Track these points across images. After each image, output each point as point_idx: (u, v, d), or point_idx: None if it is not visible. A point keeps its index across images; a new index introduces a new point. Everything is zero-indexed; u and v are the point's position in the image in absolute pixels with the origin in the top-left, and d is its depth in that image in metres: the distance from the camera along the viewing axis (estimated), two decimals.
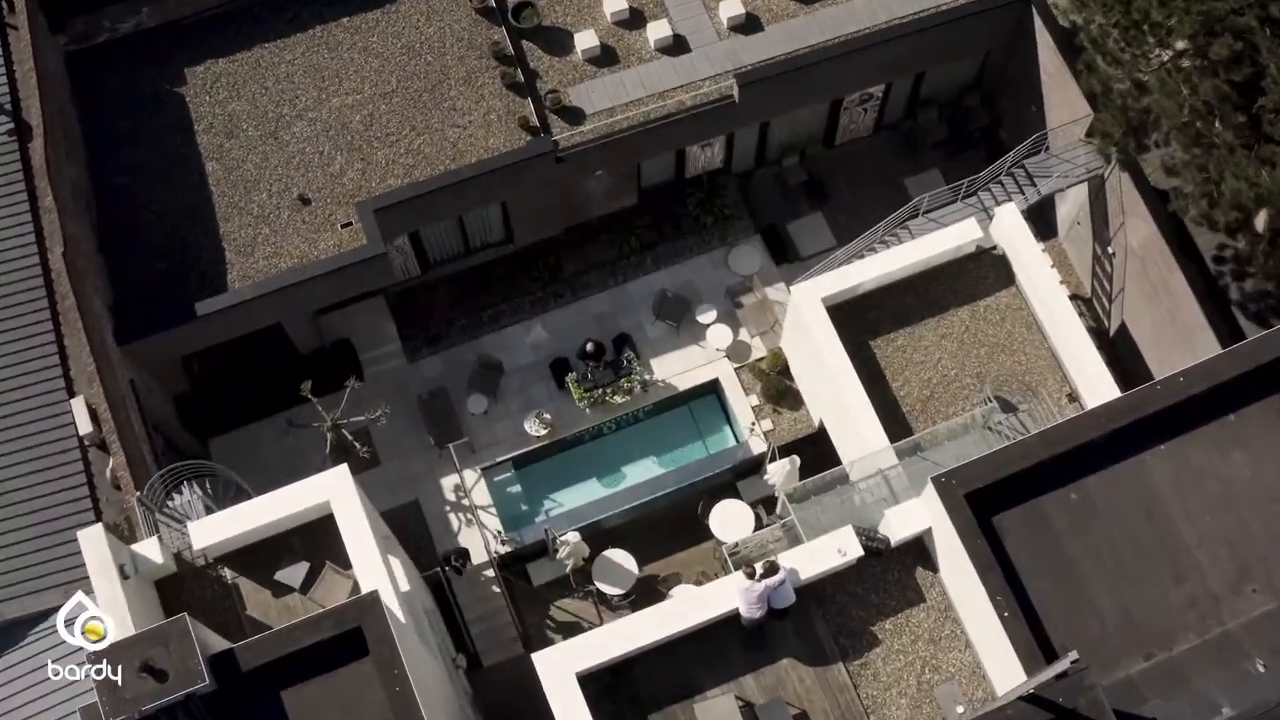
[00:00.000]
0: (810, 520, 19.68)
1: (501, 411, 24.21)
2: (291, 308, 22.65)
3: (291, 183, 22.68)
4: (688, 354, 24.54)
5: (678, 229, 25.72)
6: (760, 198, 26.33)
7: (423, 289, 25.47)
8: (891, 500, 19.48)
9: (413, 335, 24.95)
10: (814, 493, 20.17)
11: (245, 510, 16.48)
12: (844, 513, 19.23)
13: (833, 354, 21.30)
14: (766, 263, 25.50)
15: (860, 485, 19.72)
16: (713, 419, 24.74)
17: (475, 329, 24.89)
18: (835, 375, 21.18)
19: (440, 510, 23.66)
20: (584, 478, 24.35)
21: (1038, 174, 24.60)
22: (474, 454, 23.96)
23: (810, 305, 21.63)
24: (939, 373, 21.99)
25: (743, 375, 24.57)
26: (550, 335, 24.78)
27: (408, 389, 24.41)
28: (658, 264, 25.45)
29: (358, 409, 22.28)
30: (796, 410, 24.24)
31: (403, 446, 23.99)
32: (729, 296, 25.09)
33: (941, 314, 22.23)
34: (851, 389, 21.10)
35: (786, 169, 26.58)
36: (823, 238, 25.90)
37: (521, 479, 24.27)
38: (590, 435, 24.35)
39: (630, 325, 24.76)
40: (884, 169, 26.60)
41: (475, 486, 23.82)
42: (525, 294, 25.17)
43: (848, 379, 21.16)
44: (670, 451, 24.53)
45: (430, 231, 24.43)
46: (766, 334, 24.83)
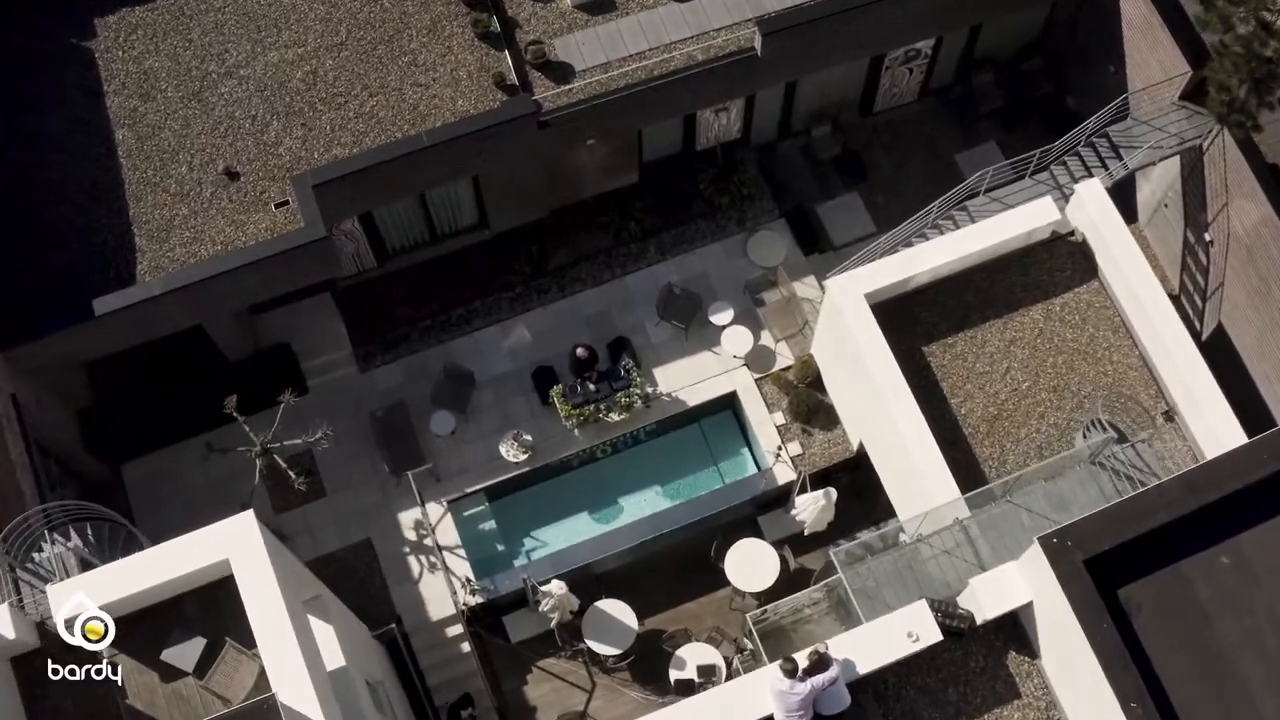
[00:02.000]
0: (862, 584, 16.60)
1: (472, 432, 21.65)
2: (214, 306, 19.99)
3: (217, 153, 20.08)
4: (698, 362, 22.08)
5: (687, 211, 23.28)
6: (785, 175, 23.93)
7: (379, 284, 22.93)
8: (973, 561, 16.33)
9: (366, 339, 22.44)
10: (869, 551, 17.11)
11: (120, 570, 13.43)
12: (908, 577, 16.12)
13: (878, 362, 18.80)
14: (793, 252, 23.02)
15: (931, 539, 16.61)
16: (729, 441, 22.36)
17: (442, 331, 22.41)
18: (881, 389, 18.69)
19: (397, 552, 21.03)
20: (572, 512, 21.96)
21: (1123, 145, 21.63)
22: (438, 483, 21.39)
23: (850, 302, 19.03)
24: (1008, 386, 19.54)
25: (765, 388, 22.03)
26: (533, 339, 22.32)
27: (359, 404, 21.90)
28: (662, 253, 23.02)
29: (296, 429, 19.67)
30: (830, 430, 21.61)
31: (353, 474, 21.46)
32: (748, 293, 22.58)
33: (1009, 314, 19.87)
34: (901, 406, 18.59)
35: (816, 141, 24.17)
36: (860, 223, 23.48)
37: (496, 514, 21.76)
38: (580, 461, 21.91)
39: (629, 327, 22.31)
40: (931, 142, 24.37)
41: (440, 523, 21.24)
42: (502, 289, 22.71)
43: (897, 393, 18.64)
44: (677, 480, 22.18)
45: (387, 214, 21.86)
46: (794, 338, 22.25)
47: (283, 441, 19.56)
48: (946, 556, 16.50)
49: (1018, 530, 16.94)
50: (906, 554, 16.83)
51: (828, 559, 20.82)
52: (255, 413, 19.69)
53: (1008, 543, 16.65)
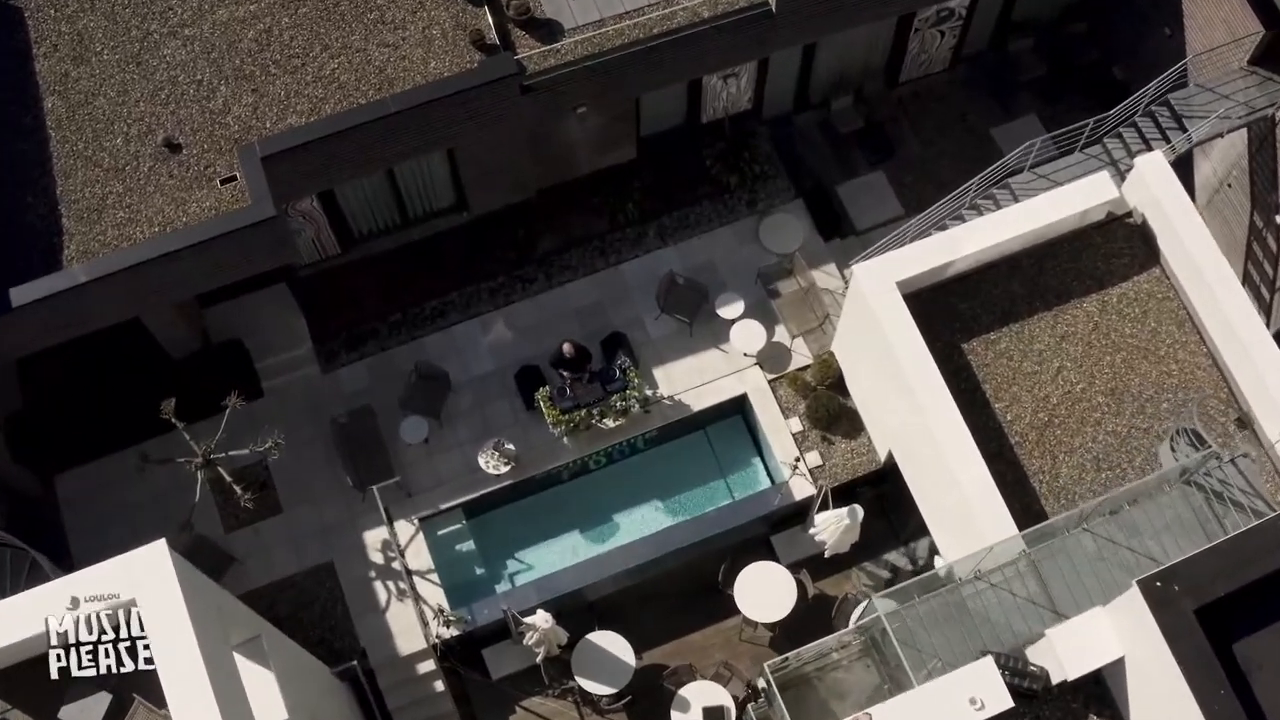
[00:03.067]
0: (908, 633, 14.66)
1: (448, 440, 19.96)
2: (151, 296, 18.16)
3: (157, 122, 18.38)
4: (704, 361, 20.39)
5: (691, 192, 21.62)
6: (802, 151, 22.31)
7: (343, 273, 21.20)
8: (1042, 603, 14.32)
9: (328, 335, 20.74)
10: (894, 571, 15.18)
11: (7, 610, 11.40)
12: (960, 621, 14.13)
13: (912, 361, 17.09)
14: (811, 237, 21.33)
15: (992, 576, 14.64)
16: (739, 450, 20.73)
17: (414, 327, 20.74)
18: (915, 392, 16.98)
19: (362, 576, 19.30)
20: (561, 532, 20.31)
21: (1185, 115, 19.71)
22: (409, 499, 19.66)
23: (880, 292, 17.43)
24: (1060, 388, 17.81)
25: (780, 390, 20.31)
26: (516, 335, 20.59)
27: (320, 408, 20.17)
28: (664, 238, 21.34)
29: (248, 437, 17.95)
30: (854, 439, 19.93)
31: (313, 488, 19.74)
32: (761, 282, 20.87)
33: (1060, 306, 18.22)
34: (940, 412, 16.88)
35: (837, 113, 22.55)
36: (885, 204, 21.86)
37: (474, 533, 20.04)
38: (570, 473, 20.25)
39: (626, 321, 20.62)
40: (964, 115, 22.83)
41: (410, 544, 19.48)
42: (483, 279, 21.01)
43: (934, 397, 16.93)
44: (680, 495, 20.55)
45: (350, 193, 20.12)
46: (812, 334, 20.53)
47: (228, 451, 17.72)
48: (1007, 594, 14.44)
49: (1082, 560, 14.95)
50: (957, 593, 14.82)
51: (848, 592, 19.40)
52: (203, 418, 18.03)
53: (1081, 579, 14.66)
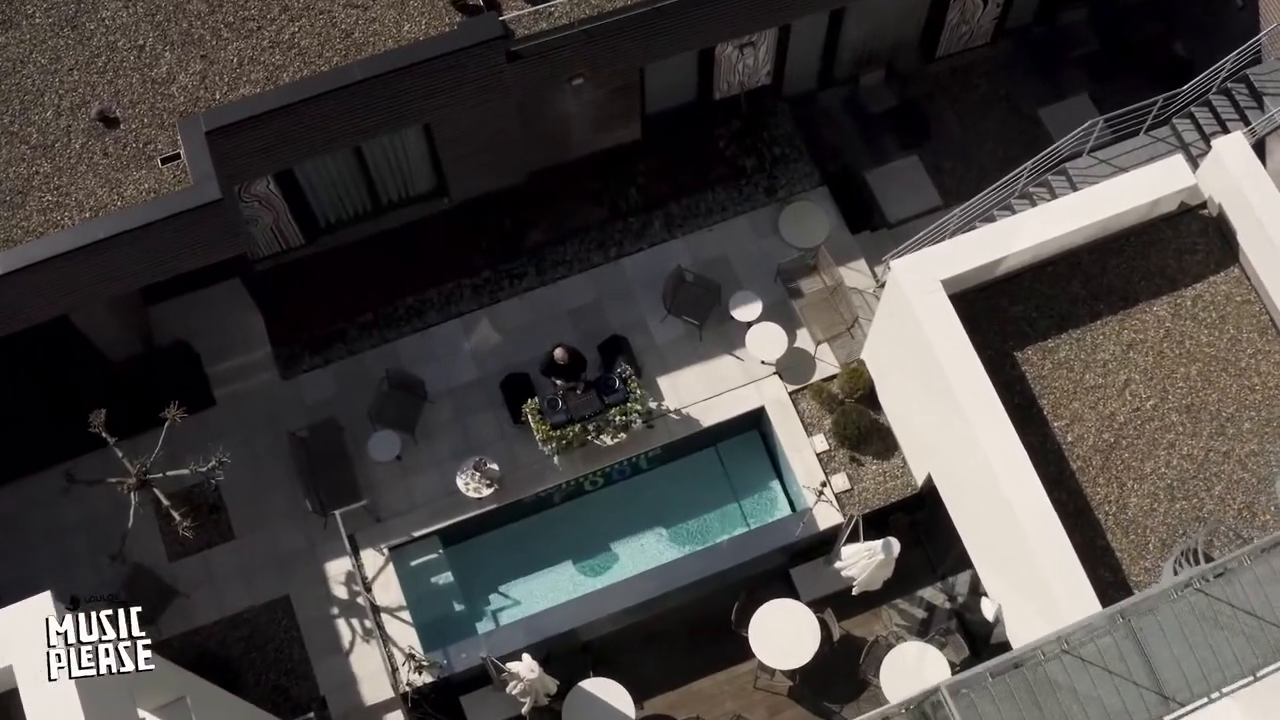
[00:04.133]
0: None
1: (423, 457, 18.42)
2: (82, 290, 16.54)
3: (92, 93, 16.87)
4: (716, 369, 18.91)
5: (702, 176, 20.18)
6: (828, 132, 20.88)
7: (307, 266, 19.67)
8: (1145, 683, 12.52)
9: (289, 337, 19.18)
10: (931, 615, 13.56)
11: None
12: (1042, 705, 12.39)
13: (959, 372, 15.52)
14: (838, 229, 19.83)
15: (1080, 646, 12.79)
16: (755, 471, 19.26)
17: (386, 328, 19.25)
18: (963, 406, 15.40)
19: (323, 614, 17.71)
20: (551, 563, 18.82)
21: (1268, 92, 17.95)
22: (378, 524, 18.05)
23: (922, 292, 16.02)
24: (1127, 404, 16.19)
25: (803, 403, 18.75)
26: (502, 338, 19.09)
27: (279, 420, 18.59)
28: (671, 229, 19.86)
29: (194, 453, 16.54)
30: (887, 460, 18.34)
31: (270, 511, 18.18)
32: (781, 280, 19.34)
33: (1127, 310, 16.67)
34: (991, 429, 15.28)
35: (866, 90, 21.13)
36: (921, 193, 20.36)
37: (453, 564, 18.43)
38: (562, 496, 18.71)
39: (627, 323, 19.15)
40: (1009, 94, 21.42)
41: (379, 576, 17.86)
42: (465, 274, 19.52)
43: (985, 413, 15.34)
44: (687, 522, 19.08)
45: (315, 175, 18.51)
46: (839, 339, 18.94)
47: (166, 471, 16.16)
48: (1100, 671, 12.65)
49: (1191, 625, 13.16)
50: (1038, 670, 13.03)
51: (878, 635, 17.99)
52: (146, 431, 16.57)
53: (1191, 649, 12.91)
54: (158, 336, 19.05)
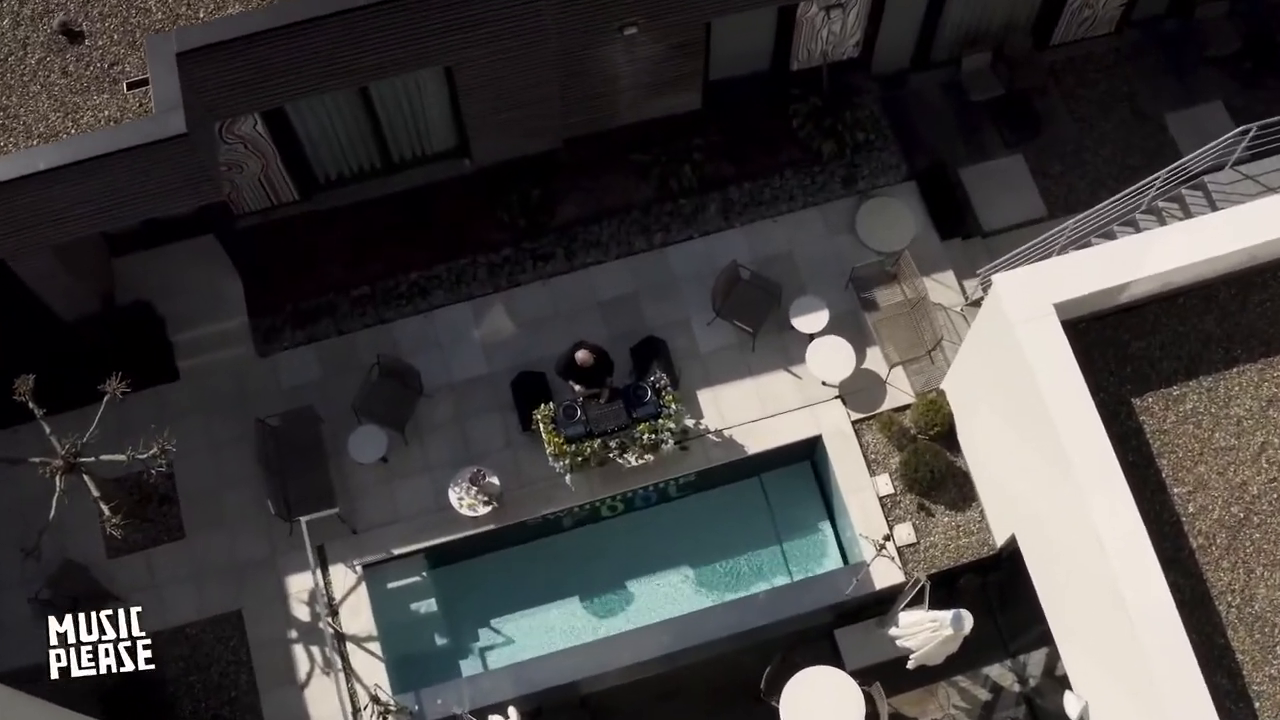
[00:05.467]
0: None
1: (413, 462, 16.64)
2: (20, 235, 14.68)
3: (56, 1, 15.04)
4: (769, 386, 17.11)
5: (770, 158, 18.46)
6: (920, 120, 19.18)
7: (298, 226, 17.95)
8: None
9: (271, 306, 17.42)
10: None
11: None
12: None
13: (1069, 416, 13.43)
14: (925, 232, 18.00)
15: None
16: (803, 510, 17.49)
17: (384, 305, 17.52)
18: (1070, 460, 13.31)
19: (278, 636, 15.90)
20: (554, 597, 17.06)
21: None
22: (354, 536, 16.22)
23: (1030, 315, 13.98)
24: (1263, 473, 14.13)
25: (868, 436, 16.94)
26: (518, 329, 17.28)
27: (250, 402, 16.83)
28: (728, 216, 18.11)
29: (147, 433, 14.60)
30: (962, 511, 16.38)
31: (228, 508, 16.44)
32: (854, 288, 17.57)
33: (1269, 358, 14.70)
34: (1104, 492, 13.13)
35: (969, 75, 19.27)
36: (1023, 198, 18.57)
37: (438, 590, 16.75)
38: (573, 520, 16.85)
39: (667, 324, 17.37)
40: (1132, 93, 19.63)
41: (349, 597, 15.98)
42: (481, 250, 17.78)
43: (1098, 471, 13.19)
44: (718, 563, 17.29)
45: (313, 119, 16.63)
46: (918, 363, 17.09)
47: (100, 456, 14.36)
48: None
49: None
50: None
51: (934, 717, 15.98)
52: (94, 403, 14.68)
53: None
54: (123, 295, 17.14)
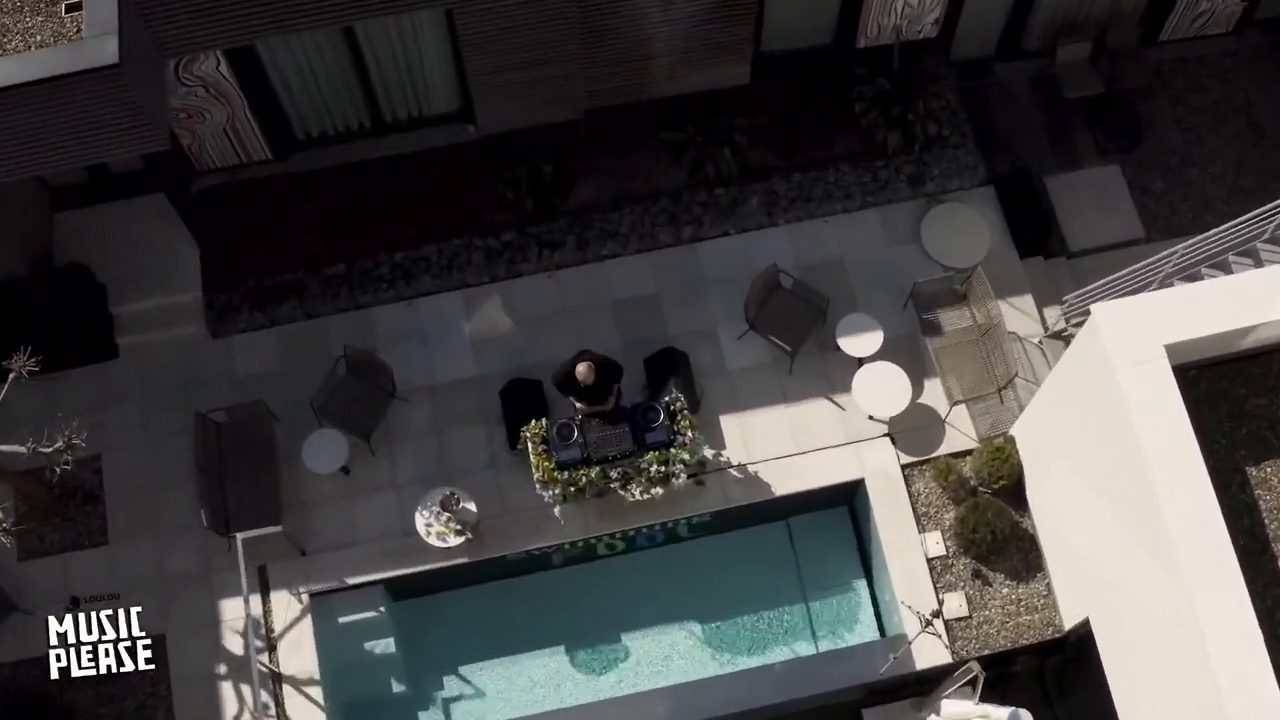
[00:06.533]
0: None
1: (378, 475, 14.66)
2: None
3: None
4: (806, 416, 15.10)
5: (825, 147, 16.61)
6: (1002, 116, 17.43)
7: (268, 190, 16.01)
8: None
9: (229, 280, 15.51)
10: None
11: None
12: None
13: (1175, 483, 11.29)
14: (1002, 248, 16.07)
15: None
16: (836, 566, 15.39)
17: (361, 287, 15.61)
18: (1172, 538, 11.15)
19: (205, 670, 13.93)
20: (534, 645, 14.99)
21: None
22: (302, 559, 14.22)
23: (1136, 356, 11.82)
24: None
25: (919, 483, 14.87)
26: (515, 326, 15.33)
27: (197, 389, 14.92)
28: (771, 212, 16.16)
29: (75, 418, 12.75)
30: (1025, 582, 14.28)
31: (162, 514, 14.53)
32: (915, 307, 15.62)
33: None
34: (1214, 582, 11.01)
35: (1064, 69, 17.48)
36: (1118, 216, 16.73)
37: (397, 628, 14.58)
38: (563, 558, 14.81)
39: (690, 333, 15.44)
40: (1250, 103, 17.97)
41: (290, 631, 13.95)
42: (480, 232, 15.85)
43: (1207, 555, 11.08)
44: (731, 619, 15.17)
45: (288, 63, 14.65)
46: (985, 402, 15.02)
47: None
48: None
49: None
50: None
51: None
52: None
53: None
54: (60, 256, 15.20)
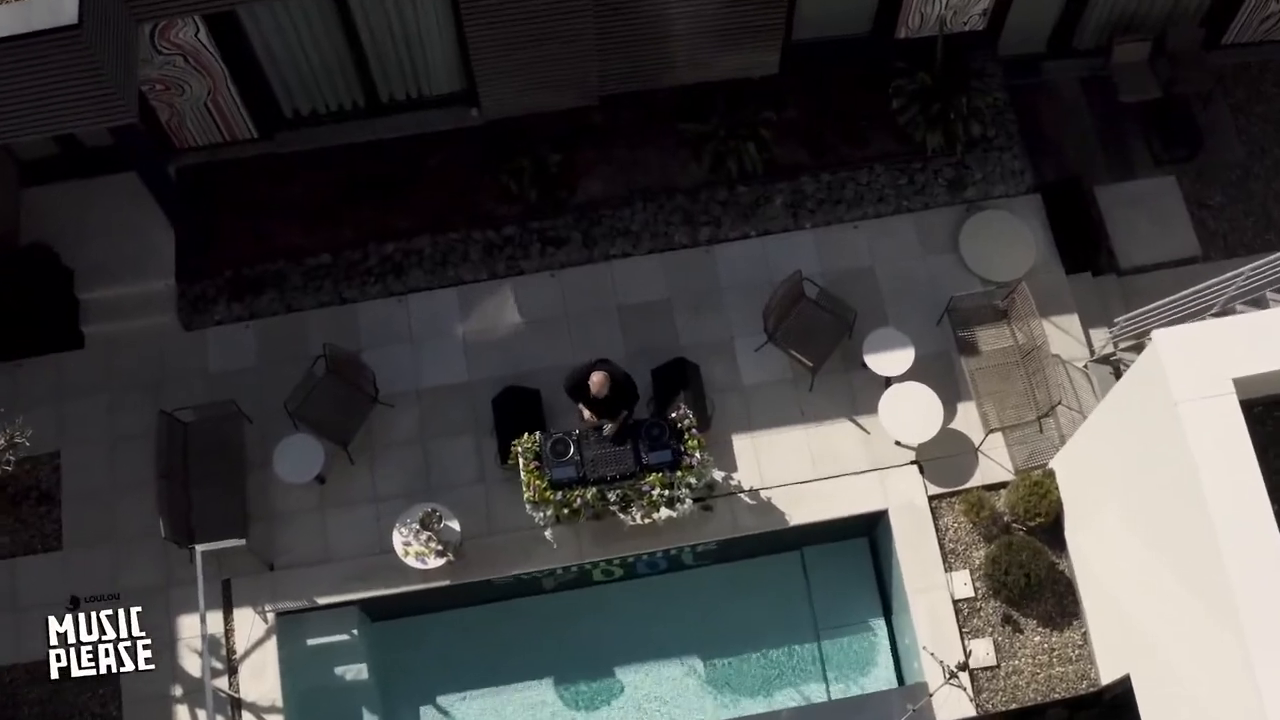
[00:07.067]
0: None
1: (356, 487, 13.53)
2: None
3: None
4: (826, 438, 13.90)
5: (859, 145, 15.43)
6: (1052, 118, 16.19)
7: (253, 171, 14.93)
8: None
9: (206, 270, 14.41)
10: None
11: None
12: None
13: (1241, 535, 10.12)
14: (1048, 261, 14.84)
15: None
16: (853, 602, 14.13)
17: (347, 280, 14.47)
18: (1234, 597, 9.98)
19: (159, 691, 12.85)
20: (521, 676, 13.78)
21: None
22: (270, 574, 13.14)
23: (1202, 391, 10.61)
24: None
25: (948, 516, 13.59)
26: (512, 329, 14.16)
27: (165, 387, 13.84)
28: (797, 214, 14.98)
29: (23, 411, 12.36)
30: (1059, 630, 13.03)
31: (121, 520, 13.41)
32: (950, 323, 14.38)
33: None
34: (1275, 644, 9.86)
35: (1120, 69, 16.21)
36: (1173, 232, 15.50)
37: (371, 654, 13.43)
38: (554, 583, 13.71)
39: (703, 343, 14.28)
40: None
41: (253, 653, 12.84)
42: (479, 225, 14.69)
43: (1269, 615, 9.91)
44: (736, 657, 13.85)
45: (275, 34, 13.57)
46: (1023, 430, 13.77)
47: None
48: None
49: None
50: None
51: None
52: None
53: None
54: (26, 234, 14.16)
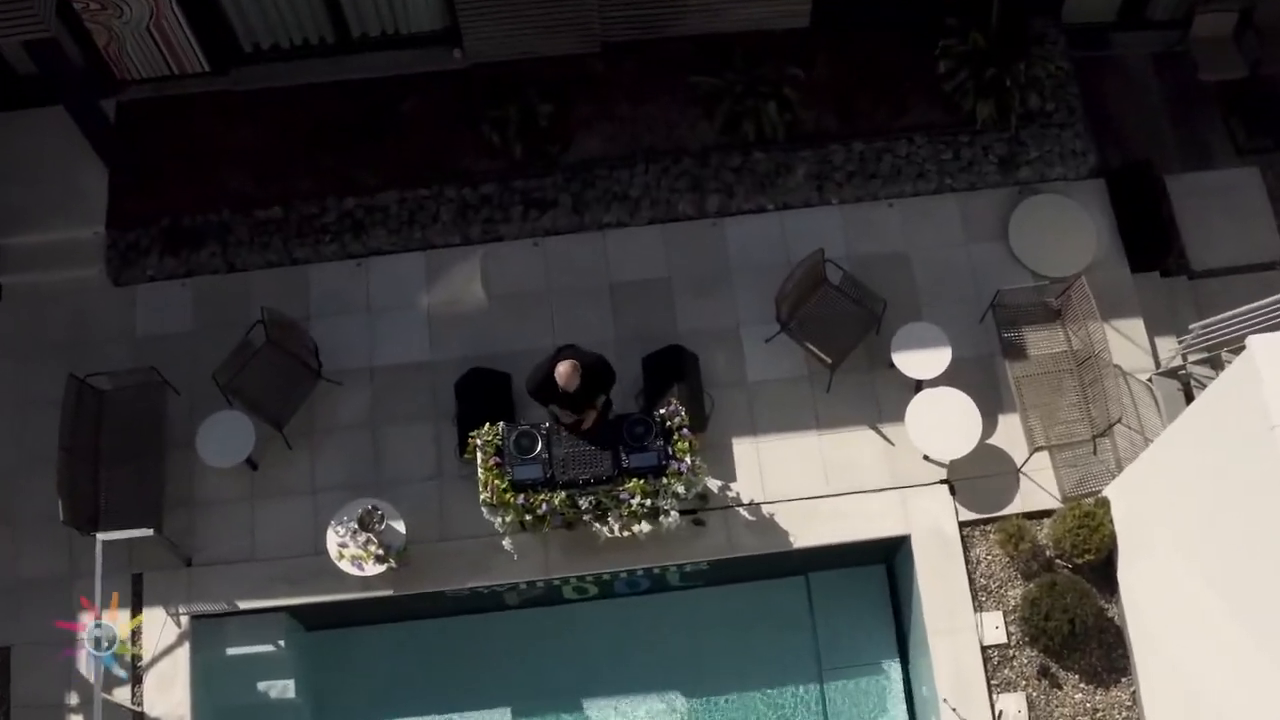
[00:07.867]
0: None
1: (292, 474, 12.20)
2: None
3: None
4: (843, 448, 12.55)
5: (897, 112, 14.08)
6: (1119, 95, 14.85)
7: (200, 110, 13.67)
8: None
9: (141, 216, 13.05)
10: None
11: None
12: None
13: None
14: (1110, 257, 13.35)
15: None
16: (865, 639, 12.72)
17: (300, 237, 13.18)
18: None
19: (52, 700, 11.51)
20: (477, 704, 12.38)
21: None
22: (186, 570, 11.77)
23: None
24: None
25: (980, 547, 12.14)
26: (484, 303, 12.82)
27: (87, 349, 12.53)
28: (822, 187, 13.56)
29: None
30: (1104, 687, 11.54)
31: (23, 502, 12.06)
32: (995, 320, 12.95)
33: None
34: None
35: (1199, 44, 14.99)
36: (1253, 231, 14.23)
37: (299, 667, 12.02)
38: (519, 599, 12.32)
39: (704, 330, 12.94)
40: None
41: (161, 660, 11.44)
42: (455, 180, 13.39)
43: None
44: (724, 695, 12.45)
45: None
46: (1074, 451, 12.30)
47: None
48: None
49: None
50: None
51: None
52: None
53: None
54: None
